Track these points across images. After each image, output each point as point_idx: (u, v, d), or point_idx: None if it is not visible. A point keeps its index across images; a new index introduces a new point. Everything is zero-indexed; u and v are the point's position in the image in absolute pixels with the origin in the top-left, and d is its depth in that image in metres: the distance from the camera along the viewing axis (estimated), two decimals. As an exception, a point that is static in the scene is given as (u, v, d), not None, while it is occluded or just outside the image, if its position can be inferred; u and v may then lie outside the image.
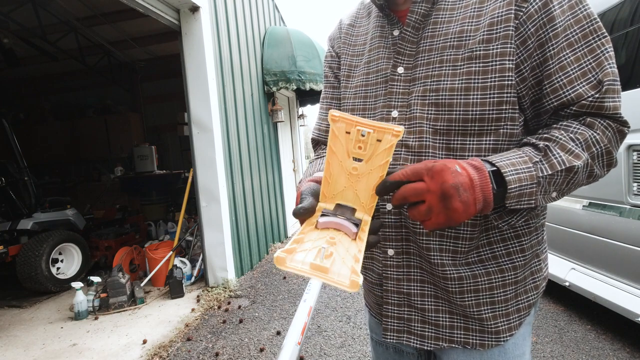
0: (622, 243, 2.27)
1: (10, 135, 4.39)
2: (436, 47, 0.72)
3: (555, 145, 0.62)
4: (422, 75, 0.73)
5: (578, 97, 0.64)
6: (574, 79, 0.64)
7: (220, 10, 4.19)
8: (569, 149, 0.62)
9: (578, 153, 0.62)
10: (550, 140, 0.63)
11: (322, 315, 3.09)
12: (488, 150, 0.68)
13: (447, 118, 0.70)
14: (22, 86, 7.82)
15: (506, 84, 0.66)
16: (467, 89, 0.68)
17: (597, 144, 0.64)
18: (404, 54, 0.76)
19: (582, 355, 2.33)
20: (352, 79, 0.87)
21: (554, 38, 0.64)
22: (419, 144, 0.73)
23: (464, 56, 0.68)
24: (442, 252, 0.73)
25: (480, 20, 0.68)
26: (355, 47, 0.89)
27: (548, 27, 0.64)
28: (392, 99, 0.77)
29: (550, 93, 0.66)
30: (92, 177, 7.27)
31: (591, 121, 0.64)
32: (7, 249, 3.88)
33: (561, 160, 0.61)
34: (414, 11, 0.74)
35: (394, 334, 0.81)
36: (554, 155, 0.61)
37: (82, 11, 5.11)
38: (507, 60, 0.66)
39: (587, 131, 0.63)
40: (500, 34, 0.66)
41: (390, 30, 0.79)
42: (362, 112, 0.82)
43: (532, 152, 0.63)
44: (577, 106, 0.64)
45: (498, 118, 0.67)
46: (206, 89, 3.75)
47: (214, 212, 3.85)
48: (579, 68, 0.64)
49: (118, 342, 2.83)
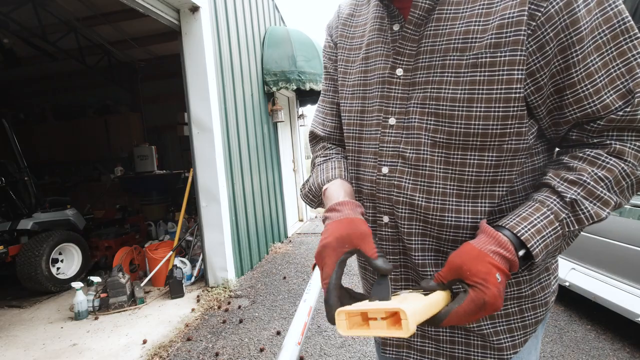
0: (622, 243, 2.27)
1: (10, 135, 4.39)
2: (438, 49, 0.65)
3: (582, 191, 0.58)
4: (423, 80, 0.67)
5: (604, 108, 0.58)
6: (601, 87, 0.58)
7: (220, 10, 4.19)
8: (598, 195, 0.58)
9: (607, 199, 0.58)
10: (577, 184, 0.59)
11: (322, 315, 3.09)
12: (490, 167, 0.63)
13: (447, 130, 0.64)
14: (22, 86, 7.82)
15: (513, 97, 0.59)
16: (470, 100, 0.62)
17: (628, 177, 0.59)
18: (404, 53, 0.69)
19: (582, 355, 2.33)
20: (348, 77, 0.80)
21: (577, 43, 0.57)
22: (416, 156, 0.68)
23: (468, 62, 0.61)
24: (439, 267, 0.70)
25: (489, 20, 0.60)
26: (354, 39, 0.81)
27: (571, 29, 0.57)
28: (390, 104, 0.71)
29: (574, 103, 0.60)
30: (92, 177, 7.27)
31: (621, 148, 0.59)
32: (7, 249, 3.88)
33: (589, 214, 0.58)
34: (417, 5, 0.65)
35: (394, 349, 0.78)
36: (582, 209, 0.58)
37: (82, 11, 5.11)
38: (515, 71, 0.59)
39: (617, 165, 0.59)
40: (510, 39, 0.58)
41: (389, 24, 0.71)
42: (360, 113, 0.78)
43: (557, 205, 0.59)
44: (605, 121, 0.59)
45: (502, 133, 0.61)
46: (206, 89, 3.75)
47: (214, 212, 3.85)
48: (607, 74, 0.57)
49: (118, 342, 2.83)
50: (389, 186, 0.72)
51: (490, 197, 0.65)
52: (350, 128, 0.80)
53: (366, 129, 0.76)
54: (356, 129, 0.79)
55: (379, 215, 0.75)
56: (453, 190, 0.66)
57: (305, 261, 4.68)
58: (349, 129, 0.81)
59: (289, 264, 4.62)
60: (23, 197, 4.35)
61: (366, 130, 0.76)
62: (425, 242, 0.70)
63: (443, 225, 0.67)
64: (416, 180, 0.69)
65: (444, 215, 0.67)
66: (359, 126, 0.78)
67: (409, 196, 0.69)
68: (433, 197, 0.67)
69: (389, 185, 0.72)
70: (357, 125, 0.79)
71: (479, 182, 0.64)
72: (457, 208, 0.66)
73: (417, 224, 0.70)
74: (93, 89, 7.76)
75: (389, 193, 0.72)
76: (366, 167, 0.76)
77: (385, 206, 0.73)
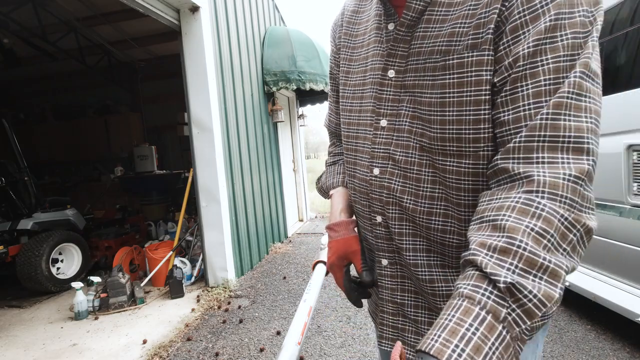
0: (622, 243, 2.27)
1: (10, 135, 4.39)
2: (424, 51, 0.63)
3: (519, 262, 0.43)
4: (411, 82, 0.66)
5: (535, 114, 0.50)
6: (543, 92, 0.50)
7: (220, 10, 4.19)
8: (542, 265, 0.43)
9: (554, 268, 0.44)
10: (509, 252, 0.44)
11: (322, 315, 3.09)
12: (468, 175, 0.61)
13: (428, 135, 0.63)
14: (22, 86, 7.82)
15: (483, 99, 0.56)
16: (442, 104, 0.60)
17: (573, 228, 0.46)
18: (396, 55, 0.68)
19: (582, 355, 2.33)
20: (350, 76, 0.81)
21: (532, 37, 0.51)
22: (405, 159, 0.68)
23: (440, 65, 0.60)
24: (431, 267, 0.70)
25: (472, 22, 0.57)
26: (357, 37, 0.81)
27: (531, 26, 0.51)
28: (382, 105, 0.71)
29: (510, 102, 0.53)
30: (92, 177, 7.27)
31: (552, 180, 0.47)
32: (7, 249, 3.88)
33: (538, 301, 0.42)
34: (410, 7, 0.64)
35: (389, 342, 0.80)
36: (525, 295, 0.42)
37: (82, 11, 5.11)
38: (484, 71, 0.56)
39: (553, 212, 0.46)
40: (483, 39, 0.56)
41: (385, 23, 0.71)
42: (358, 113, 0.78)
43: (491, 297, 0.43)
44: (528, 129, 0.50)
45: (476, 139, 0.58)
46: (206, 89, 3.75)
47: (214, 212, 3.85)
48: (555, 80, 0.50)
49: (118, 342, 2.83)
50: (380, 187, 0.73)
51: (473, 207, 0.62)
52: (350, 127, 0.81)
53: (362, 128, 0.77)
54: (354, 128, 0.80)
55: (373, 214, 0.76)
56: (441, 194, 0.65)
57: (305, 261, 4.67)
58: (349, 128, 0.82)
59: (289, 264, 4.62)
60: (23, 197, 4.35)
61: (362, 130, 0.78)
62: (417, 242, 0.70)
63: (430, 229, 0.67)
64: (405, 182, 0.69)
65: (431, 218, 0.67)
66: (356, 125, 0.79)
67: (398, 198, 0.70)
68: (420, 200, 0.67)
69: (380, 186, 0.73)
70: (355, 125, 0.80)
71: (459, 189, 0.63)
72: (445, 212, 0.66)
73: (407, 224, 0.70)
74: (93, 89, 7.76)
75: (380, 194, 0.73)
76: (362, 166, 0.78)
77: (378, 206, 0.74)
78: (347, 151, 0.84)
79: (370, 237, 0.80)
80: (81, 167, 7.77)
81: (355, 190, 0.81)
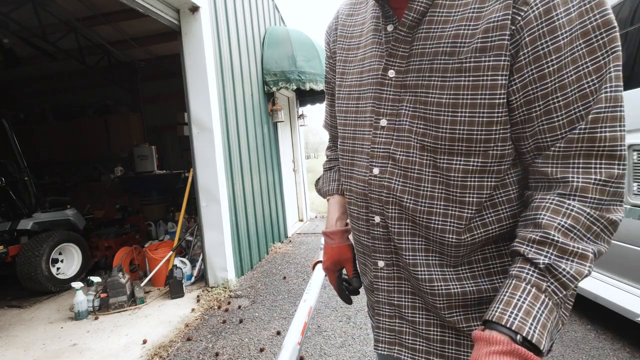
0: (622, 243, 2.27)
1: (10, 135, 4.39)
2: (428, 52, 0.64)
3: (553, 250, 0.54)
4: (413, 83, 0.67)
5: (570, 123, 0.56)
6: (571, 101, 0.55)
7: (220, 10, 4.19)
8: (572, 251, 0.54)
9: (583, 252, 0.54)
10: (545, 243, 0.54)
11: (322, 315, 3.09)
12: (475, 172, 0.63)
13: (434, 135, 0.64)
14: (22, 86, 7.82)
15: (497, 102, 0.59)
16: (454, 105, 0.61)
17: (597, 222, 0.55)
18: (397, 55, 0.69)
19: (582, 355, 2.33)
20: (346, 77, 0.81)
21: (554, 52, 0.54)
22: (406, 158, 0.69)
23: (454, 67, 0.61)
24: (430, 267, 0.70)
25: (478, 24, 0.59)
26: (352, 39, 0.82)
27: (548, 38, 0.54)
28: (382, 105, 0.72)
29: (543, 115, 0.57)
30: (92, 177, 7.27)
31: (584, 185, 0.55)
32: (7, 249, 3.88)
33: (570, 276, 0.53)
34: (412, 8, 0.65)
35: (386, 346, 0.79)
36: (560, 272, 0.53)
37: (82, 11, 5.11)
38: (499, 76, 0.58)
39: (581, 212, 0.54)
40: (495, 44, 0.57)
41: (384, 25, 0.71)
42: (355, 114, 0.78)
43: (534, 275, 0.54)
44: (565, 142, 0.56)
45: (487, 139, 0.61)
46: (206, 89, 3.75)
47: (214, 212, 3.85)
48: (579, 89, 0.54)
49: (118, 342, 2.83)
50: (380, 187, 0.73)
51: (477, 204, 0.64)
52: (347, 128, 0.81)
53: (360, 129, 0.77)
54: (351, 129, 0.80)
55: (371, 215, 0.76)
56: (441, 194, 0.66)
57: (305, 261, 4.68)
58: (345, 129, 0.82)
59: (289, 264, 4.62)
60: (23, 197, 4.35)
61: (359, 130, 0.77)
62: (415, 242, 0.71)
63: (430, 228, 0.68)
64: (405, 182, 0.69)
65: (431, 218, 0.67)
66: (353, 126, 0.79)
67: (397, 197, 0.70)
68: (420, 199, 0.68)
69: (380, 186, 0.73)
70: (352, 126, 0.80)
71: (465, 187, 0.64)
72: (445, 212, 0.66)
73: (407, 224, 0.71)
74: (93, 89, 7.76)
75: (379, 194, 0.73)
76: (360, 167, 0.77)
77: (377, 206, 0.74)
78: (343, 152, 0.83)
79: (366, 239, 0.79)
80: (81, 167, 7.77)
81: (352, 191, 0.81)
